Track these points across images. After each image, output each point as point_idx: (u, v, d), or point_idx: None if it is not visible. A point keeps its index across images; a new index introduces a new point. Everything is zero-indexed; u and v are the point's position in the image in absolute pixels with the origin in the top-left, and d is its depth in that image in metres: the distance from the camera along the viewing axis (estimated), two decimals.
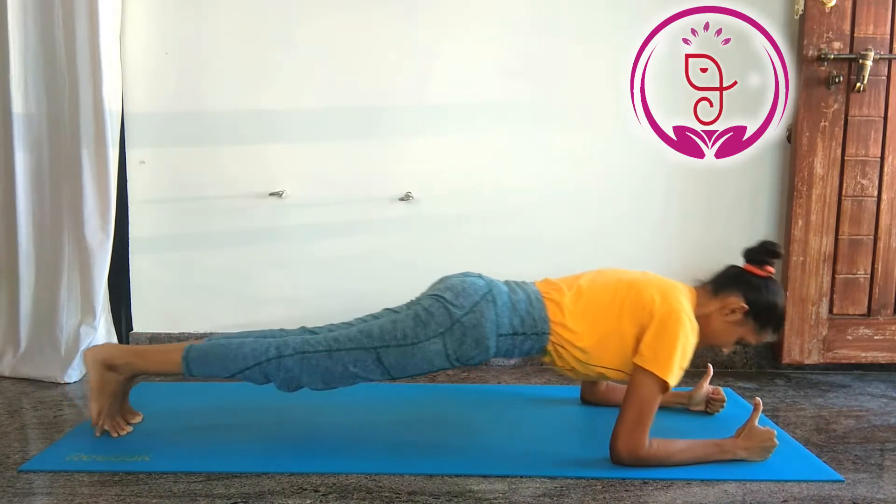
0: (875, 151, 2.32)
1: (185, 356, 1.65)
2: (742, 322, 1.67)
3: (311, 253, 2.45)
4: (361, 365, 1.61)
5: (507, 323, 1.62)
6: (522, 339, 1.64)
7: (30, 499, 1.43)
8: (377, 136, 2.41)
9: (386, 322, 1.64)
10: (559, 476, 1.55)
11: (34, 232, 2.30)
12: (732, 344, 1.72)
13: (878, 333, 2.36)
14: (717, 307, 1.67)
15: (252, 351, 1.63)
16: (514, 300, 1.65)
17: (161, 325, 2.48)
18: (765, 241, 1.71)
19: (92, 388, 1.69)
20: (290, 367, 1.61)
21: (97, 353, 1.68)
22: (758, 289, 1.66)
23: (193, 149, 2.42)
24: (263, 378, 1.64)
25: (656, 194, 2.43)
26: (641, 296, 1.63)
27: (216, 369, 1.65)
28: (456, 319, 1.60)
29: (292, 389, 1.65)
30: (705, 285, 1.73)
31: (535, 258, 2.44)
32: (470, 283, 1.66)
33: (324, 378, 1.62)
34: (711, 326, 1.67)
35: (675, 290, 1.65)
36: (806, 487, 1.53)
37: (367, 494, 1.46)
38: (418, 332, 1.60)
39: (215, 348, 1.66)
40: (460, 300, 1.62)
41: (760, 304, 1.65)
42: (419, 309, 1.64)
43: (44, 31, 2.25)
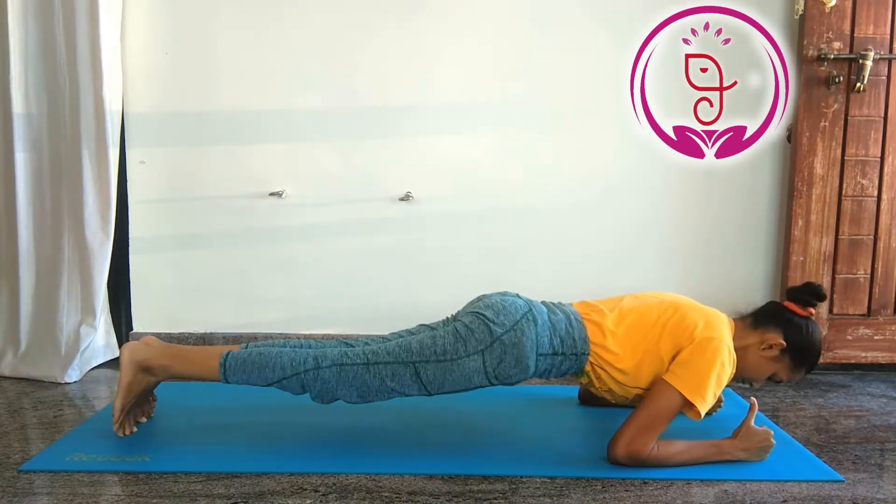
0: (875, 151, 2.32)
1: (223, 363, 1.64)
2: (778, 359, 1.67)
3: (311, 253, 2.45)
4: (399, 379, 1.61)
5: (548, 343, 1.62)
6: (562, 359, 1.64)
7: (30, 499, 1.43)
8: (377, 136, 2.41)
9: (425, 337, 1.63)
10: (559, 476, 1.55)
11: (34, 232, 2.30)
12: (765, 379, 1.72)
13: (878, 333, 2.36)
14: (755, 341, 1.67)
15: (290, 361, 1.63)
16: (553, 320, 1.65)
17: (161, 325, 2.48)
18: (810, 283, 1.72)
19: (121, 386, 1.66)
20: (327, 378, 1.61)
21: (135, 354, 1.66)
22: (798, 328, 1.67)
23: (193, 149, 2.42)
24: (300, 388, 1.64)
25: (656, 194, 2.43)
26: (685, 319, 1.63)
27: (253, 377, 1.64)
28: (496, 337, 1.60)
29: (327, 401, 1.65)
30: (745, 318, 1.73)
31: (536, 258, 2.44)
32: (510, 301, 1.66)
33: (360, 391, 1.62)
34: (747, 360, 1.67)
35: (719, 320, 1.65)
36: (806, 487, 1.53)
37: (367, 494, 1.46)
38: (458, 348, 1.60)
39: (254, 356, 1.65)
40: (501, 318, 1.61)
41: (799, 342, 1.66)
42: (459, 325, 1.63)
43: (44, 31, 2.25)
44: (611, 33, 2.36)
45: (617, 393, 1.68)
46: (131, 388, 1.68)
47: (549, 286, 1.94)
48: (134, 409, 1.74)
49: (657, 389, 1.57)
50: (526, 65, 2.39)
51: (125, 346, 1.69)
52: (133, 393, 1.69)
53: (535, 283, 1.95)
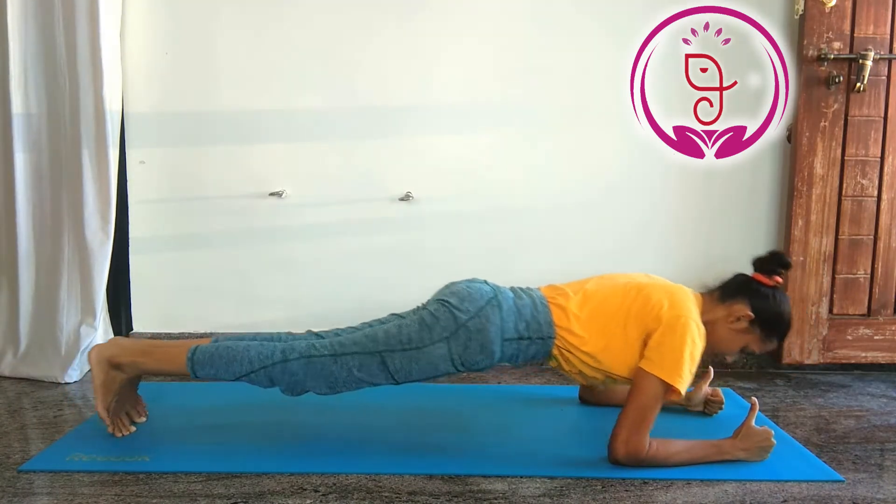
0: (875, 151, 2.32)
1: (191, 357, 1.65)
2: (748, 330, 1.67)
3: (311, 253, 2.45)
4: (366, 369, 1.61)
5: (513, 328, 1.62)
6: (528, 343, 1.64)
7: (30, 499, 1.43)
8: (377, 136, 2.41)
9: (391, 327, 1.64)
10: (559, 476, 1.55)
11: (34, 232, 2.30)
12: (737, 352, 1.72)
13: (878, 333, 2.36)
14: (723, 314, 1.67)
15: (258, 354, 1.63)
16: (519, 305, 1.65)
17: (161, 325, 2.48)
18: (775, 251, 1.72)
19: (95, 387, 1.67)
20: (295, 371, 1.61)
21: (102, 351, 1.67)
22: (765, 298, 1.66)
23: (193, 149, 2.42)
24: (268, 382, 1.64)
25: (656, 194, 2.43)
26: (650, 300, 1.63)
27: (221, 372, 1.64)
28: (461, 324, 1.60)
29: (297, 394, 1.65)
30: (712, 292, 1.73)
31: (536, 258, 2.44)
32: (476, 288, 1.66)
33: (328, 382, 1.62)
34: (717, 333, 1.67)
35: (683, 296, 1.65)
36: (806, 487, 1.53)
37: (367, 494, 1.46)
38: (423, 336, 1.60)
39: (221, 350, 1.65)
40: (465, 305, 1.62)
41: (767, 313, 1.65)
42: (424, 314, 1.64)
43: (44, 31, 2.25)
44: (611, 33, 2.36)
45: (587, 375, 1.68)
46: (107, 386, 1.67)
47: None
48: (123, 409, 1.73)
49: (637, 381, 1.57)
50: (526, 65, 2.38)
51: (93, 347, 1.69)
52: (111, 392, 1.68)
53: (536, 283, 1.94)
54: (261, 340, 1.70)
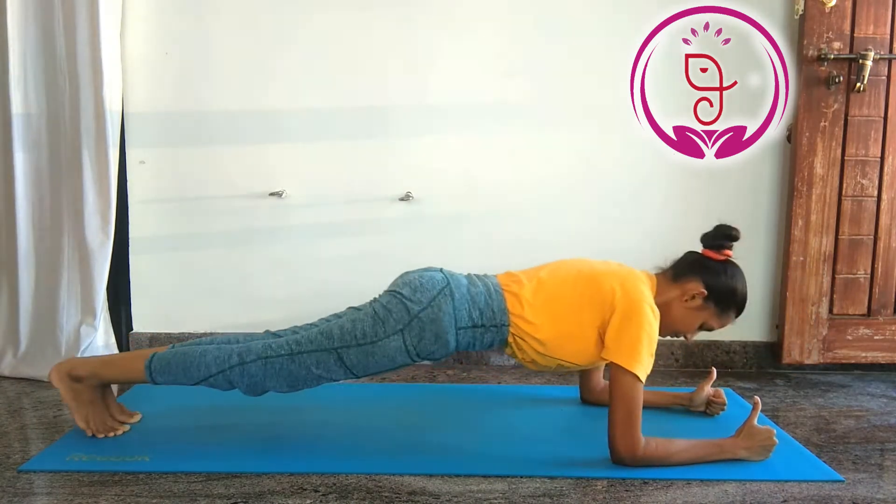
0: (875, 151, 2.32)
1: (148, 365, 1.66)
2: (703, 307, 1.67)
3: (311, 253, 2.45)
4: (324, 366, 1.61)
5: (466, 316, 1.63)
6: (482, 331, 1.64)
7: (30, 499, 1.43)
8: (377, 136, 2.41)
9: (345, 322, 1.64)
10: (559, 476, 1.55)
11: (34, 232, 2.30)
12: (696, 330, 1.72)
13: (878, 333, 2.36)
14: (677, 294, 1.68)
15: (215, 359, 1.64)
16: (472, 293, 1.65)
17: (161, 325, 2.48)
18: (720, 225, 1.72)
19: (67, 403, 1.69)
20: (253, 372, 1.62)
21: (60, 368, 1.69)
22: (716, 273, 1.67)
23: (193, 149, 2.42)
24: (228, 385, 1.65)
25: (656, 194, 2.43)
26: (602, 287, 1.63)
27: (180, 377, 1.65)
28: (414, 315, 1.60)
29: (258, 394, 1.66)
30: (665, 272, 1.74)
31: (535, 258, 2.43)
32: (428, 277, 1.66)
33: (288, 381, 1.63)
34: (673, 313, 1.67)
35: (636, 279, 1.66)
36: (806, 487, 1.53)
37: (367, 494, 1.46)
38: (377, 329, 1.61)
39: (178, 357, 1.66)
40: (417, 295, 1.62)
41: (720, 288, 1.66)
42: (377, 306, 1.64)
43: (44, 31, 2.25)
44: (611, 33, 2.36)
45: (540, 363, 1.69)
46: (76, 399, 1.69)
47: None
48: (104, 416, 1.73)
49: (612, 380, 1.57)
50: (526, 65, 2.38)
51: (51, 368, 1.70)
52: (82, 403, 1.69)
53: None
54: (218, 344, 1.71)
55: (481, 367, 2.46)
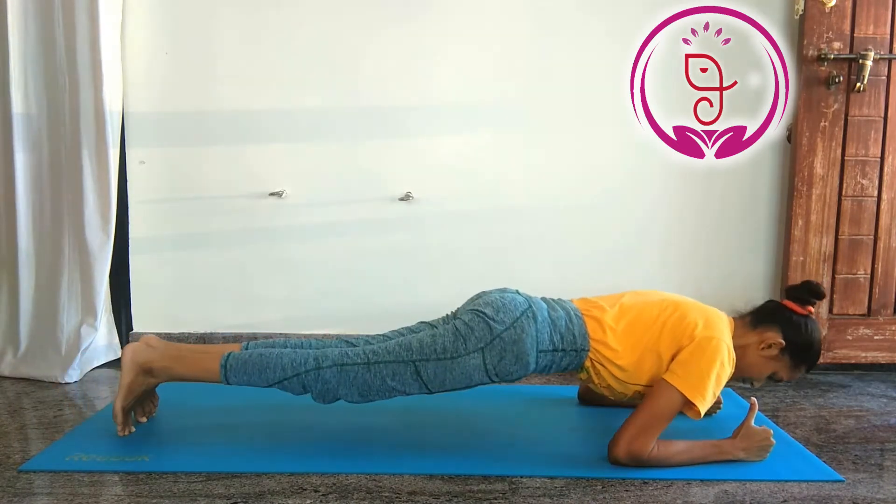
0: (875, 151, 2.32)
1: (224, 364, 1.65)
2: (777, 358, 1.67)
3: (311, 253, 2.45)
4: (400, 378, 1.61)
5: (548, 339, 1.62)
6: (562, 355, 1.64)
7: (30, 499, 1.43)
8: (377, 136, 2.41)
9: (425, 336, 1.63)
10: (559, 476, 1.55)
11: (34, 232, 2.30)
12: (765, 378, 1.72)
13: (878, 333, 2.36)
14: (754, 340, 1.67)
15: (291, 362, 1.63)
16: (553, 317, 1.65)
17: (161, 325, 2.48)
18: (809, 281, 1.71)
19: (121, 386, 1.67)
20: (328, 378, 1.61)
21: (137, 355, 1.67)
22: (797, 327, 1.66)
23: (193, 149, 2.42)
24: (301, 389, 1.64)
25: (656, 194, 2.43)
26: (686, 318, 1.63)
27: (254, 378, 1.64)
28: (496, 335, 1.60)
29: (329, 401, 1.65)
30: (744, 317, 1.73)
31: (535, 257, 2.44)
32: (510, 298, 1.66)
33: (361, 391, 1.62)
34: (747, 359, 1.67)
35: (719, 319, 1.66)
36: (806, 487, 1.53)
37: (367, 494, 1.46)
38: (458, 346, 1.60)
39: (254, 357, 1.65)
40: (500, 315, 1.61)
41: (798, 341, 1.66)
42: (459, 323, 1.63)
43: (44, 31, 2.25)
44: (611, 33, 2.36)
45: (616, 389, 1.68)
46: (132, 389, 1.68)
47: (550, 286, 1.94)
48: (134, 409, 1.75)
49: (657, 389, 1.57)
50: (526, 65, 2.38)
51: (127, 346, 1.70)
52: (133, 394, 1.69)
53: (536, 282, 1.94)
54: (292, 347, 1.71)
55: None
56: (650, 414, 1.55)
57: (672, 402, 1.55)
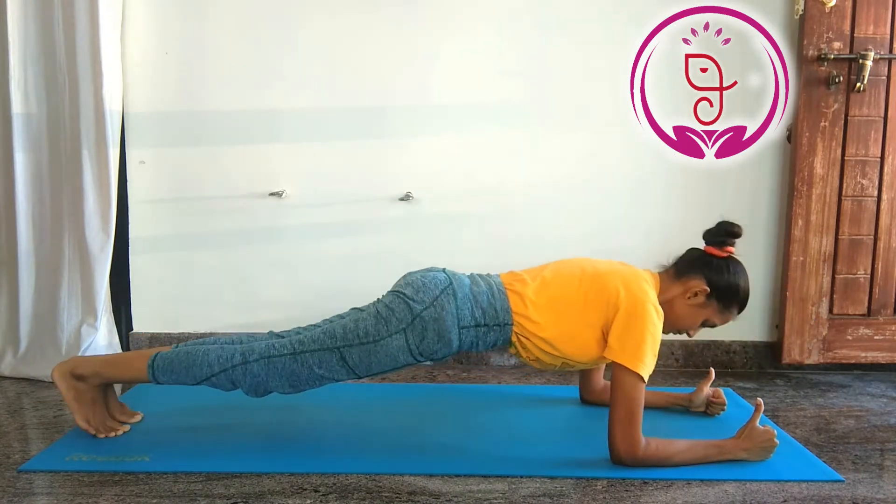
0: (875, 151, 2.32)
1: (151, 364, 1.66)
2: (705, 304, 1.68)
3: (311, 253, 2.45)
4: (326, 366, 1.62)
5: (469, 315, 1.63)
6: (486, 330, 1.64)
7: (30, 499, 1.43)
8: (377, 136, 2.41)
9: (349, 321, 1.64)
10: (559, 476, 1.55)
11: (34, 232, 2.30)
12: (698, 327, 1.72)
13: (878, 333, 2.36)
14: (679, 291, 1.68)
15: (218, 358, 1.64)
16: (475, 292, 1.65)
17: (161, 325, 2.48)
18: (722, 222, 1.72)
19: (68, 402, 1.69)
20: (256, 372, 1.62)
21: (62, 367, 1.69)
22: (719, 270, 1.67)
23: (193, 149, 2.42)
24: (230, 384, 1.65)
25: (656, 194, 2.43)
26: (606, 287, 1.63)
27: (182, 377, 1.65)
28: (416, 314, 1.61)
29: (260, 395, 1.66)
30: (667, 270, 1.74)
31: (536, 258, 2.43)
32: (431, 277, 1.67)
33: (290, 381, 1.63)
34: (675, 311, 1.68)
35: (639, 279, 1.66)
36: (806, 487, 1.53)
37: (367, 494, 1.46)
38: (380, 329, 1.61)
39: (181, 356, 1.66)
40: (420, 295, 1.62)
41: (722, 285, 1.66)
42: (380, 306, 1.65)
43: (44, 31, 2.25)
44: (611, 33, 2.36)
45: (545, 361, 1.69)
46: (78, 399, 1.69)
47: None
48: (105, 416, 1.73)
49: (614, 380, 1.57)
50: (526, 65, 2.38)
51: (54, 367, 1.70)
52: (84, 403, 1.69)
53: None
54: (221, 343, 1.71)
55: (481, 367, 2.46)
56: (622, 405, 1.55)
57: (631, 383, 1.55)
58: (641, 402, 1.55)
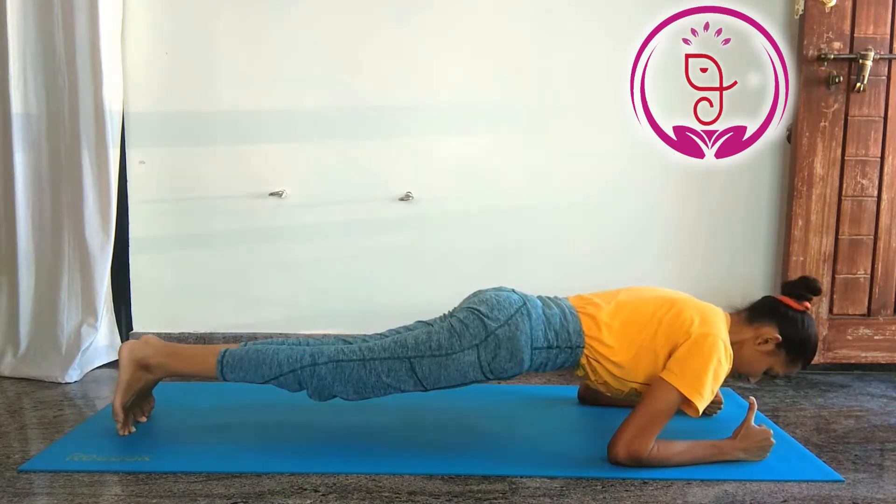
0: (875, 151, 2.32)
1: (221, 360, 1.66)
2: (774, 353, 1.67)
3: (311, 253, 2.45)
4: (394, 375, 1.61)
5: (542, 336, 1.63)
6: (557, 352, 1.64)
7: (30, 499, 1.43)
8: (377, 136, 2.41)
9: (420, 333, 1.64)
10: (559, 476, 1.55)
11: (34, 232, 2.30)
12: (761, 374, 1.72)
13: (878, 333, 2.36)
14: (750, 336, 1.67)
15: (287, 358, 1.64)
16: (548, 314, 1.65)
17: (161, 325, 2.48)
18: (806, 277, 1.72)
19: (120, 384, 1.68)
20: (323, 375, 1.62)
21: (134, 351, 1.68)
22: (793, 322, 1.67)
23: (193, 149, 2.42)
24: (297, 385, 1.65)
25: (656, 194, 2.43)
26: (681, 315, 1.63)
27: (251, 374, 1.65)
28: (491, 332, 1.60)
29: (324, 398, 1.66)
30: (740, 312, 1.73)
31: (535, 257, 2.44)
32: (505, 296, 1.66)
33: (356, 388, 1.63)
34: (743, 354, 1.67)
35: (715, 315, 1.66)
36: (806, 487, 1.53)
37: (367, 494, 1.46)
38: (453, 343, 1.61)
39: (251, 354, 1.66)
40: (495, 313, 1.62)
41: (794, 337, 1.66)
42: (454, 321, 1.64)
43: (44, 31, 2.25)
44: (611, 33, 2.36)
45: (612, 386, 1.68)
46: (130, 385, 1.69)
47: (550, 285, 1.93)
48: (133, 408, 1.75)
49: (655, 388, 1.57)
50: (525, 65, 2.38)
51: (124, 344, 1.71)
52: (132, 391, 1.70)
53: (536, 282, 1.94)
54: (290, 344, 1.71)
55: None
56: (648, 413, 1.55)
57: (670, 401, 1.55)
58: (666, 421, 1.55)
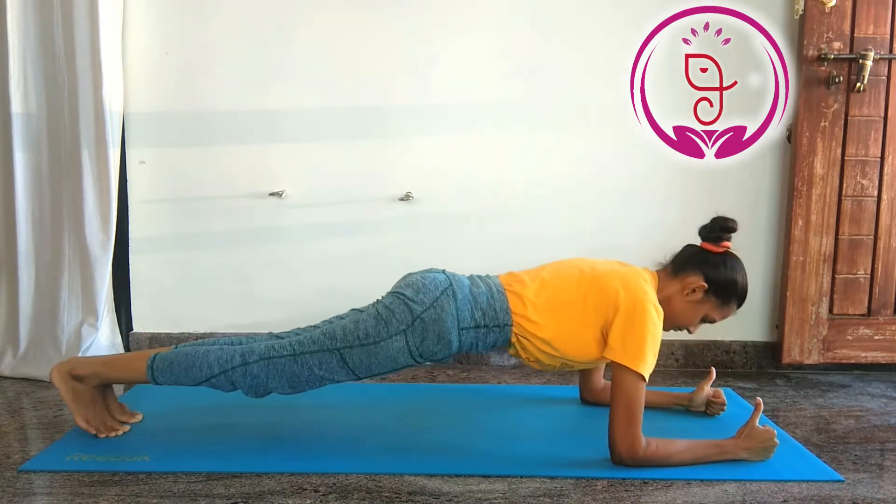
0: (875, 151, 2.32)
1: (150, 364, 1.66)
2: (704, 300, 1.68)
3: (311, 253, 2.45)
4: (326, 367, 1.62)
5: (469, 316, 1.63)
6: (485, 331, 1.65)
7: (30, 499, 1.43)
8: (377, 136, 2.41)
9: (348, 322, 1.65)
10: (559, 476, 1.55)
11: (34, 232, 2.30)
12: (698, 323, 1.73)
13: (878, 333, 2.36)
14: (677, 288, 1.69)
15: (217, 359, 1.64)
16: (475, 293, 1.66)
17: (161, 325, 2.48)
18: (717, 217, 1.73)
19: (67, 402, 1.69)
20: (256, 373, 1.62)
21: (61, 367, 1.69)
22: (715, 265, 1.67)
23: (193, 149, 2.42)
24: (230, 385, 1.65)
25: (656, 194, 2.43)
26: (605, 288, 1.64)
27: (182, 377, 1.65)
28: (416, 316, 1.61)
29: (261, 395, 1.66)
30: (665, 267, 1.75)
31: (536, 258, 2.43)
32: (431, 278, 1.67)
33: (290, 382, 1.63)
34: (674, 308, 1.68)
35: (638, 278, 1.66)
36: (806, 487, 1.53)
37: (367, 494, 1.46)
38: (380, 330, 1.61)
39: (180, 357, 1.66)
40: (420, 296, 1.63)
41: (719, 280, 1.67)
42: (380, 307, 1.65)
43: (44, 31, 2.25)
44: (611, 33, 2.36)
45: (544, 362, 1.69)
46: (77, 399, 1.69)
47: None
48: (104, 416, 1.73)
49: (615, 380, 1.57)
50: (526, 65, 2.38)
51: (52, 368, 1.70)
52: (83, 403, 1.69)
53: None
54: (220, 345, 1.72)
55: (481, 367, 2.46)
56: (621, 405, 1.55)
57: (632, 383, 1.55)
58: (642, 401, 1.55)
